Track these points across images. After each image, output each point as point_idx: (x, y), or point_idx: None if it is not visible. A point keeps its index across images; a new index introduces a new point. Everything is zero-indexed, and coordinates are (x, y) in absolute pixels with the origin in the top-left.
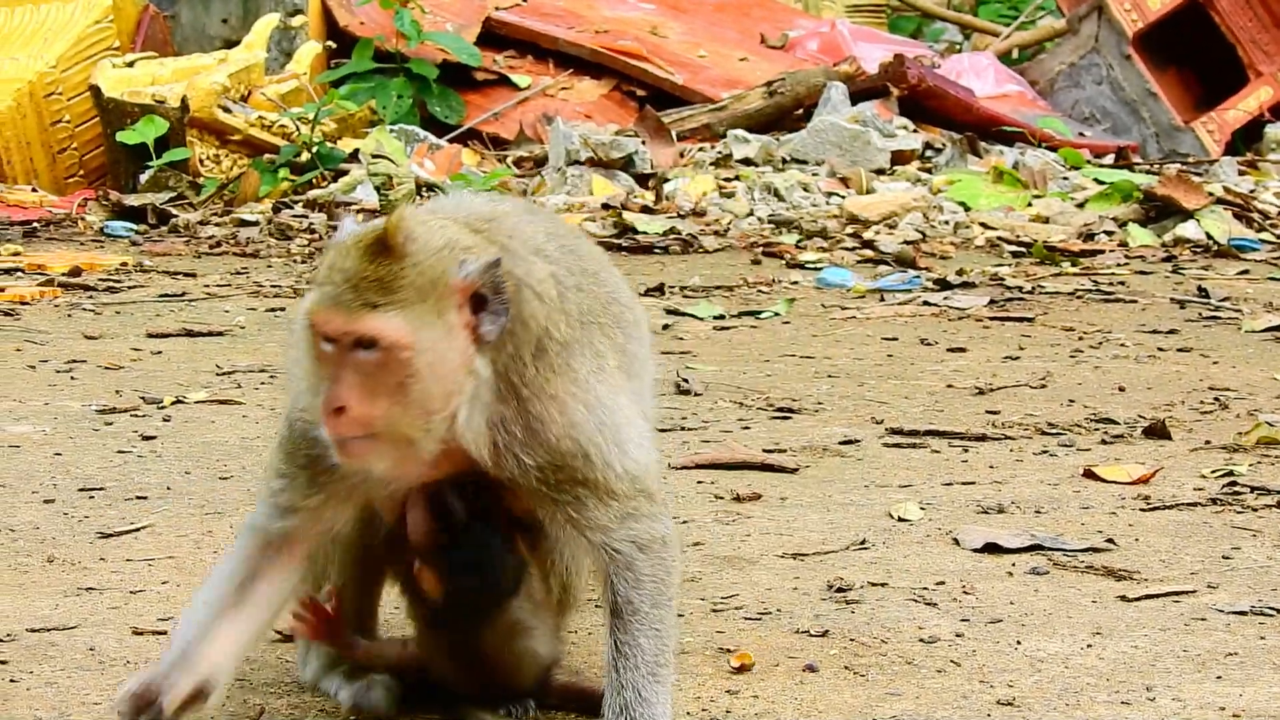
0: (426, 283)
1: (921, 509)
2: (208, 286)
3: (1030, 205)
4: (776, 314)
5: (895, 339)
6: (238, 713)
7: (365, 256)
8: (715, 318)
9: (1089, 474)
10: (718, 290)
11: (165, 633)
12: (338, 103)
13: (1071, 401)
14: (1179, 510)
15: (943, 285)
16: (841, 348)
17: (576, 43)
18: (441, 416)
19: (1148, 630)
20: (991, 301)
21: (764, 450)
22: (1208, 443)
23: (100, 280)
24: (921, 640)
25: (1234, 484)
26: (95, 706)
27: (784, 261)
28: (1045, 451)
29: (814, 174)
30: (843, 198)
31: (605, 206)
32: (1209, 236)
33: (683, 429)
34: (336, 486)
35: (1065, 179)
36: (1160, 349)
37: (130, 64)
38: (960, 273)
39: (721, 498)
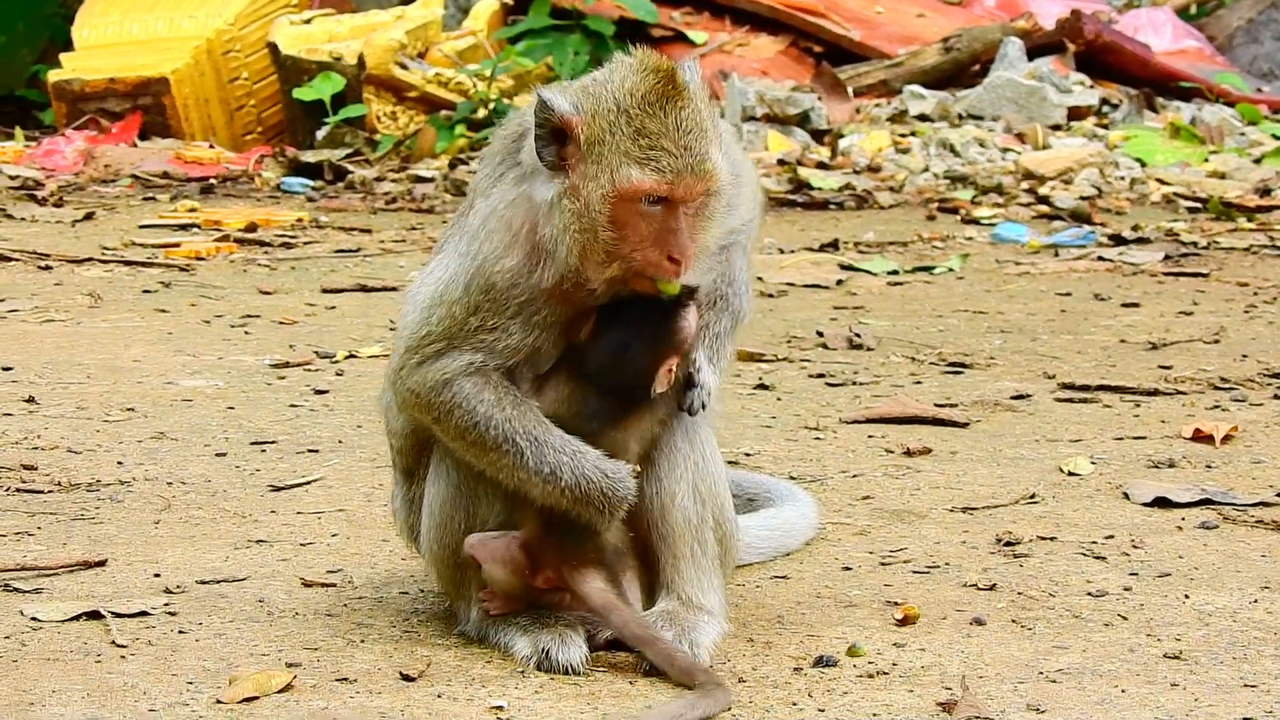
0: (711, 124)
1: (1092, 463)
2: (382, 242)
3: (1207, 161)
4: (950, 269)
5: (1069, 294)
6: (406, 664)
7: (674, 111)
8: (889, 273)
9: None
10: (892, 246)
11: (335, 585)
12: (514, 59)
13: (1245, 356)
14: None
15: (1118, 241)
16: (1014, 303)
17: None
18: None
19: None
20: (1166, 257)
21: (935, 404)
22: None
23: (276, 236)
24: (1089, 594)
25: None
26: (263, 658)
27: (959, 217)
28: (1218, 406)
29: (990, 130)
30: (1018, 153)
31: (781, 162)
32: None
33: (855, 383)
34: (547, 319)
35: (1242, 134)
36: None
37: (307, 21)
38: (1135, 228)
39: (892, 451)
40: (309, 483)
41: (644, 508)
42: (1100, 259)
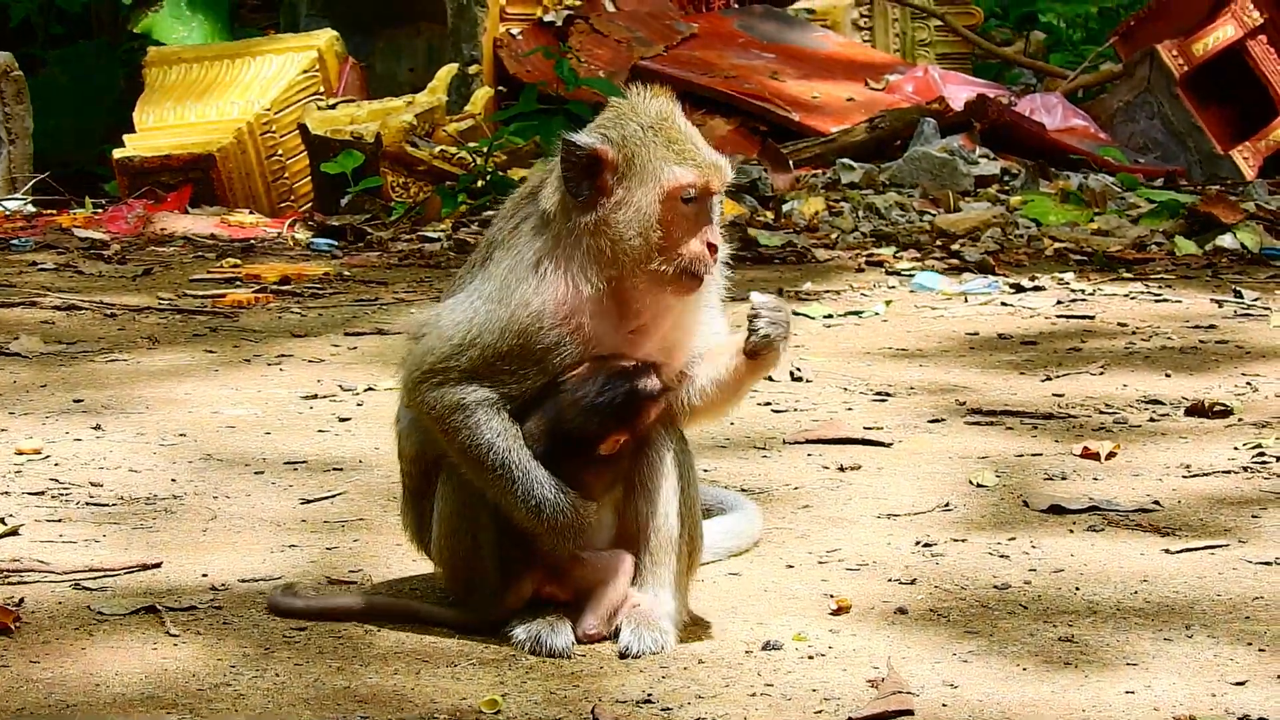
0: None
1: (997, 476)
2: (396, 293)
3: (1092, 221)
4: (877, 313)
5: (976, 333)
6: (418, 650)
7: (684, 122)
8: (825, 317)
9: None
10: (827, 294)
11: (355, 582)
12: (507, 138)
13: (1125, 385)
14: (1215, 477)
15: (1017, 288)
16: (931, 341)
17: (709, 86)
18: None
19: (1187, 578)
20: (1058, 302)
21: (864, 427)
22: (1240, 420)
23: (306, 288)
24: (995, 587)
25: (1262, 455)
26: (295, 645)
27: (883, 269)
28: (1103, 428)
29: (909, 195)
30: (933, 215)
31: (733, 224)
32: (1244, 246)
33: (796, 410)
34: (564, 361)
35: (1122, 199)
36: (1201, 341)
37: (333, 106)
38: (1032, 278)
39: (828, 467)
40: (334, 496)
41: (638, 522)
42: (1003, 304)
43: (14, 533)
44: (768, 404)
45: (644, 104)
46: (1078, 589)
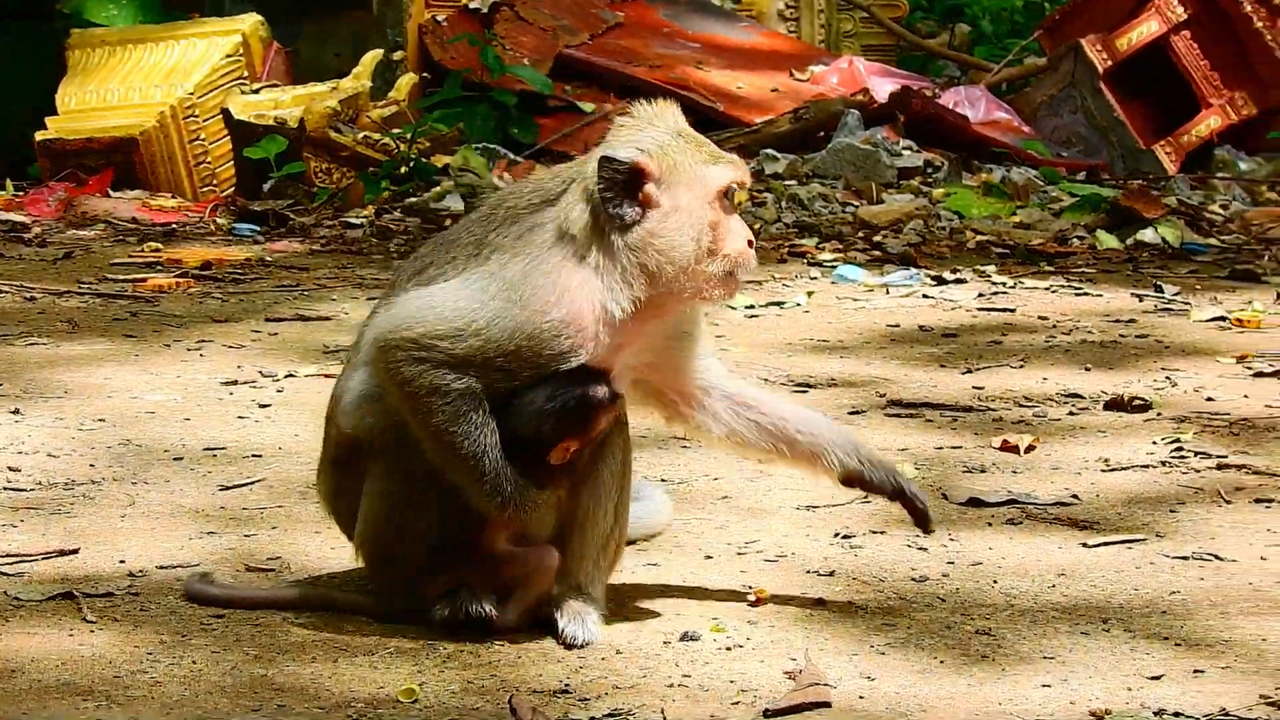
0: None
1: (916, 468)
2: (318, 279)
3: (1014, 214)
4: (798, 304)
5: (897, 325)
6: (335, 639)
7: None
8: (746, 307)
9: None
10: (749, 284)
11: (274, 570)
12: (431, 125)
13: (1045, 379)
14: (1133, 471)
15: (939, 281)
16: (852, 333)
17: (634, 75)
18: None
19: (1104, 572)
20: (980, 295)
21: None
22: (1159, 414)
23: (228, 273)
24: (913, 579)
25: (1180, 449)
26: (212, 632)
27: (806, 260)
28: (1022, 421)
29: (832, 187)
30: (856, 207)
31: None
32: (1165, 241)
33: None
34: (552, 370)
35: (1044, 192)
36: (1121, 335)
37: (256, 91)
38: (954, 270)
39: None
40: (253, 483)
41: (578, 514)
42: (924, 296)
43: None
44: None
45: (656, 113)
46: (995, 582)
